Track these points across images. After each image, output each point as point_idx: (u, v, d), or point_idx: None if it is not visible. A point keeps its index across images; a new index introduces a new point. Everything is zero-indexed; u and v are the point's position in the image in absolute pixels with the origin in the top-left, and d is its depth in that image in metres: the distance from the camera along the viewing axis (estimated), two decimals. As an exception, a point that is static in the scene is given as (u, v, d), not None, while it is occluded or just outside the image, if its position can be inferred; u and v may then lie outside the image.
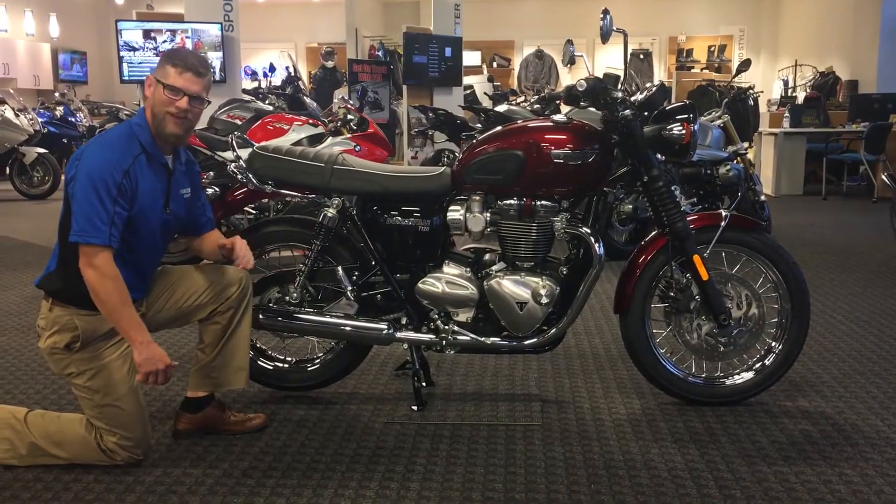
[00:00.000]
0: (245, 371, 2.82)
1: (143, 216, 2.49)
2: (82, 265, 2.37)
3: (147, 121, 2.52)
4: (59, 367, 2.53)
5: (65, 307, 2.47)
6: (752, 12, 17.03)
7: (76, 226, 2.35)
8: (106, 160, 2.39)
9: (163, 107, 2.48)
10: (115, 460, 2.55)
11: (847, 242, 6.63)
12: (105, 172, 2.37)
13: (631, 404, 3.08)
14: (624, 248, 5.75)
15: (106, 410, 2.50)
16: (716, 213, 3.01)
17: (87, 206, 2.34)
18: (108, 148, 2.43)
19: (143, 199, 2.48)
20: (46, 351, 2.52)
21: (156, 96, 2.49)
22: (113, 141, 2.46)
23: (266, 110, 6.56)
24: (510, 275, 2.94)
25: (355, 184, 2.96)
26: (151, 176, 2.51)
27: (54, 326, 2.48)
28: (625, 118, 2.86)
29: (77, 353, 2.48)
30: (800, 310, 2.98)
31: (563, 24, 17.17)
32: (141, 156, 2.48)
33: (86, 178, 2.36)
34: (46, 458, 2.55)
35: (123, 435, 2.53)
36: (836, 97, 12.19)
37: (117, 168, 2.39)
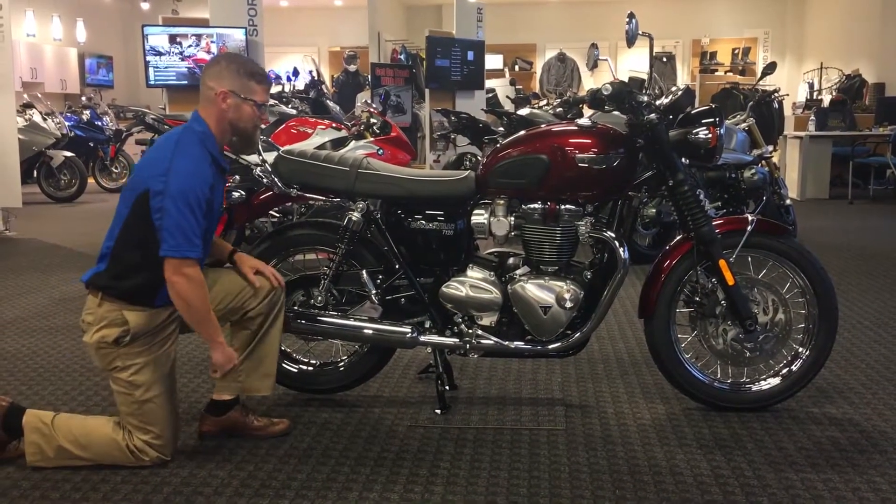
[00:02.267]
0: (272, 378, 2.84)
1: (209, 228, 2.58)
2: (171, 275, 2.43)
3: (210, 129, 2.56)
4: (105, 362, 2.56)
5: (115, 302, 2.51)
6: (776, 14, 16.89)
7: (171, 241, 2.40)
8: (196, 176, 2.45)
9: (251, 122, 2.60)
10: (143, 461, 2.57)
11: (874, 247, 6.55)
12: (196, 189, 2.43)
13: (655, 409, 3.07)
14: (647, 251, 5.72)
15: (145, 407, 2.54)
16: (742, 217, 2.99)
17: (182, 221, 2.40)
18: (195, 163, 2.47)
19: (213, 208, 2.57)
20: (94, 345, 2.54)
21: (242, 112, 2.57)
22: (196, 155, 2.49)
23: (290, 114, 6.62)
24: (534, 279, 2.93)
25: (380, 187, 2.98)
26: (219, 183, 2.60)
27: (103, 321, 2.51)
28: (650, 122, 2.85)
29: (125, 347, 2.51)
30: (827, 315, 2.95)
31: (585, 27, 17.13)
32: (213, 165, 2.54)
33: (179, 194, 2.41)
34: (73, 460, 2.58)
35: (156, 433, 2.56)
36: (863, 100, 12.07)
37: (205, 184, 2.47)
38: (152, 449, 2.57)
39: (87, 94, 12.93)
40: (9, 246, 7.04)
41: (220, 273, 2.77)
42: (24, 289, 5.25)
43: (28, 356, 3.78)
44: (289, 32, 16.70)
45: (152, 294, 2.52)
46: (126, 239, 2.51)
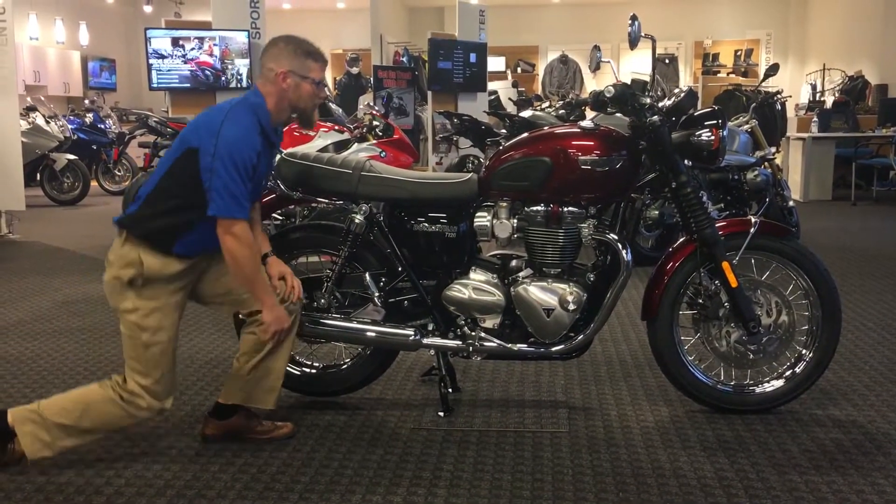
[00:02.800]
0: (276, 393, 2.83)
1: (253, 188, 2.64)
2: (222, 234, 2.53)
3: (266, 104, 2.64)
4: (116, 301, 2.61)
5: (136, 244, 2.57)
6: (779, 16, 16.88)
7: (220, 202, 2.50)
8: (244, 142, 2.54)
9: (310, 100, 2.70)
10: (138, 411, 2.58)
11: (877, 248, 6.55)
12: (244, 154, 2.52)
13: (659, 412, 3.06)
14: (650, 253, 5.71)
15: (149, 351, 2.58)
16: (745, 219, 2.98)
17: (230, 184, 2.49)
18: (244, 129, 2.56)
19: (258, 176, 2.66)
20: (109, 283, 2.61)
21: (302, 91, 2.66)
22: (246, 123, 2.58)
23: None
24: (537, 281, 2.93)
25: (382, 190, 2.98)
26: (265, 156, 2.68)
27: (121, 261, 2.58)
28: (653, 124, 2.85)
29: (137, 289, 2.57)
30: (831, 317, 2.94)
31: (587, 29, 17.14)
32: (263, 136, 2.62)
33: (228, 157, 2.50)
34: (73, 437, 2.58)
35: (155, 378, 2.59)
36: (866, 101, 12.05)
37: (252, 150, 2.55)
38: (147, 395, 2.58)
39: (89, 97, 12.97)
40: (12, 249, 7.05)
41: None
42: (27, 292, 5.25)
43: (31, 359, 3.79)
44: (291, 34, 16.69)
45: (171, 240, 2.58)
46: (163, 187, 2.60)
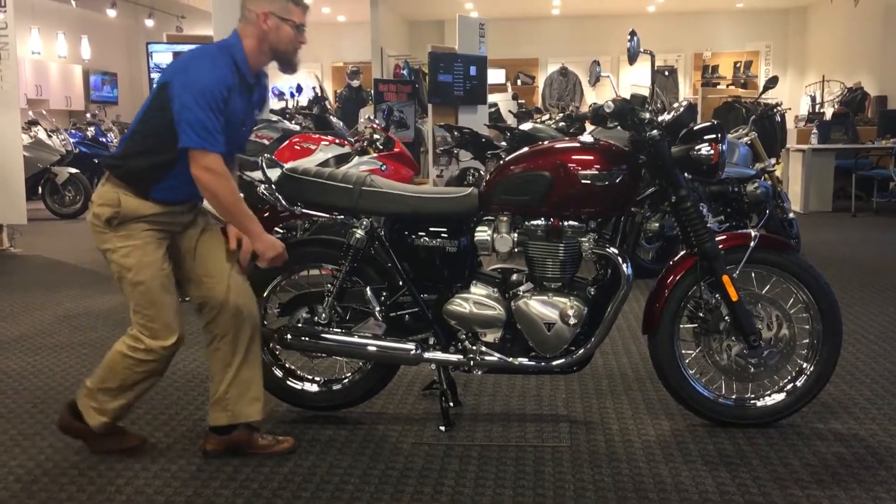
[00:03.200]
0: (260, 402, 2.83)
1: (229, 131, 2.64)
2: (196, 170, 2.54)
3: (243, 46, 2.66)
4: (98, 241, 2.69)
5: (116, 185, 2.63)
6: (778, 28, 16.97)
7: (192, 134, 2.50)
8: (212, 73, 2.56)
9: (291, 44, 2.70)
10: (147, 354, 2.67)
11: (878, 260, 6.55)
12: (213, 86, 2.53)
13: (660, 426, 3.06)
14: (651, 265, 5.71)
15: (137, 289, 2.66)
16: (745, 232, 2.99)
17: (203, 116, 2.50)
18: (213, 62, 2.60)
19: (232, 115, 2.64)
20: (90, 222, 2.70)
21: (281, 34, 2.67)
22: (216, 58, 2.61)
23: (293, 130, 6.63)
24: (538, 295, 2.94)
25: (383, 205, 2.99)
26: (239, 96, 2.67)
27: (101, 199, 2.65)
28: (652, 139, 2.87)
29: (114, 228, 2.64)
30: (831, 330, 2.95)
31: (587, 41, 17.22)
32: (236, 75, 2.64)
33: (197, 91, 2.52)
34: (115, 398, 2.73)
35: (150, 316, 2.66)
36: (865, 113, 12.09)
37: (221, 83, 2.56)
38: (146, 335, 2.67)
39: (91, 111, 13.01)
40: (13, 263, 7.06)
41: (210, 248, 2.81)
42: (29, 306, 5.26)
43: (33, 374, 3.79)
44: (292, 48, 16.77)
45: (148, 185, 2.63)
46: (141, 127, 2.66)
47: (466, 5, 15.92)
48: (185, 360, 3.91)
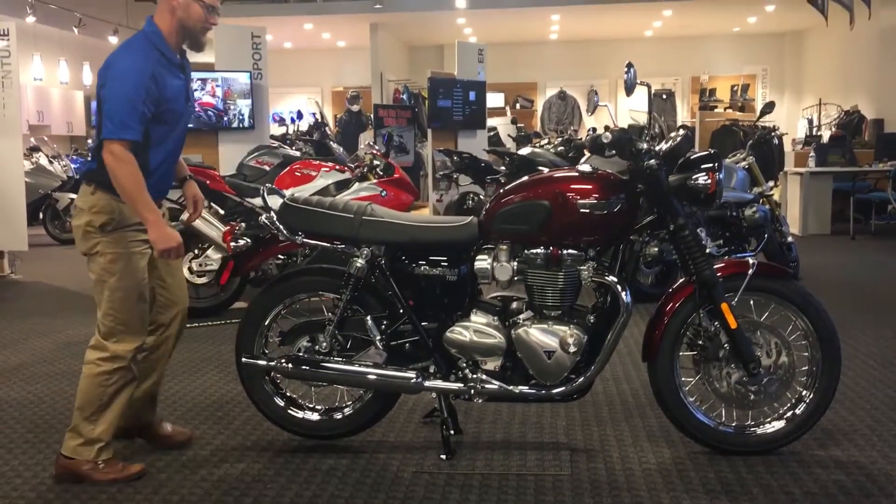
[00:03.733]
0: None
1: (174, 111, 2.84)
2: (104, 154, 2.69)
3: (159, 29, 2.82)
4: (87, 245, 2.81)
5: (107, 194, 2.78)
6: (774, 51, 17.09)
7: (109, 125, 2.67)
8: (133, 62, 2.72)
9: (199, 22, 2.84)
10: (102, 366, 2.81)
11: (877, 284, 6.56)
12: (133, 75, 2.69)
13: (661, 453, 3.06)
14: (650, 290, 5.73)
15: (116, 294, 2.81)
16: (743, 260, 3.01)
17: (119, 107, 2.67)
18: (134, 53, 2.76)
19: (170, 96, 2.80)
20: (81, 228, 2.81)
21: (190, 12, 2.82)
22: (137, 48, 2.78)
23: (294, 156, 6.66)
24: (538, 323, 2.95)
25: (384, 234, 3.01)
26: (171, 76, 2.83)
27: (94, 207, 2.79)
28: (650, 168, 2.89)
29: (107, 234, 2.79)
30: (830, 358, 2.96)
31: (585, 65, 17.35)
32: (161, 59, 2.79)
33: (118, 83, 2.69)
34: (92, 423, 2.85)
35: (119, 318, 2.81)
36: (862, 135, 12.15)
37: (145, 73, 2.71)
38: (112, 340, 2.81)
39: (92, 137, 13.07)
40: (14, 289, 7.07)
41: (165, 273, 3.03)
42: (30, 333, 5.27)
43: (33, 403, 3.79)
44: (293, 73, 16.91)
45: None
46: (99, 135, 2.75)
47: (465, 31, 16.05)
48: (185, 385, 3.92)
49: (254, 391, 3.18)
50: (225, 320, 5.43)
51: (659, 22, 15.47)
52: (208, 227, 5.37)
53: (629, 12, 14.31)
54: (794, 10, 13.06)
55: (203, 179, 5.90)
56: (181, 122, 2.93)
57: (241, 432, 3.34)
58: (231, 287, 5.53)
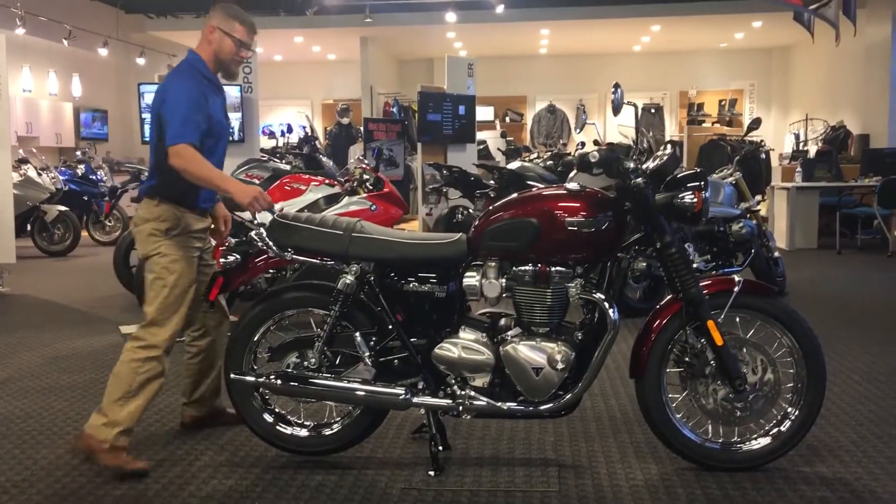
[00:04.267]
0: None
1: (219, 128, 3.25)
2: (171, 159, 3.02)
3: (201, 56, 3.23)
4: (150, 248, 3.16)
5: (170, 205, 3.17)
6: (762, 66, 17.26)
7: (171, 133, 3.03)
8: (184, 83, 3.13)
9: (230, 55, 3.23)
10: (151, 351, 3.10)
11: (863, 299, 6.62)
12: (185, 91, 3.09)
13: (648, 469, 3.08)
14: (638, 305, 5.76)
15: (172, 291, 3.14)
16: (729, 278, 3.04)
17: (178, 118, 3.04)
18: (183, 76, 3.18)
19: (216, 114, 3.21)
20: (145, 232, 3.17)
21: (223, 45, 3.21)
22: (186, 73, 3.20)
23: (284, 170, 6.68)
24: (526, 340, 2.97)
25: (373, 251, 3.03)
26: (214, 96, 3.24)
27: (160, 217, 3.16)
28: (637, 186, 2.92)
29: (171, 238, 3.15)
30: (815, 375, 2.99)
31: (574, 79, 17.46)
32: (204, 81, 3.19)
33: (175, 99, 3.07)
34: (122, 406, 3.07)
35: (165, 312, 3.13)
36: (848, 151, 12.26)
37: (194, 88, 3.12)
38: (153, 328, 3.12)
39: (81, 148, 13.04)
40: (2, 302, 7.03)
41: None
42: (17, 347, 5.24)
43: (21, 418, 3.77)
44: (283, 86, 16.96)
45: (194, 197, 3.22)
46: (158, 156, 3.14)
47: (455, 44, 16.14)
48: (170, 401, 3.92)
49: (243, 407, 3.19)
50: (214, 334, 5.42)
51: (647, 37, 15.60)
52: (197, 240, 5.37)
53: (618, 27, 14.44)
54: (781, 27, 13.20)
55: (192, 193, 5.93)
56: (224, 137, 3.33)
57: (229, 448, 3.34)
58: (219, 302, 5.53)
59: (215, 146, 3.25)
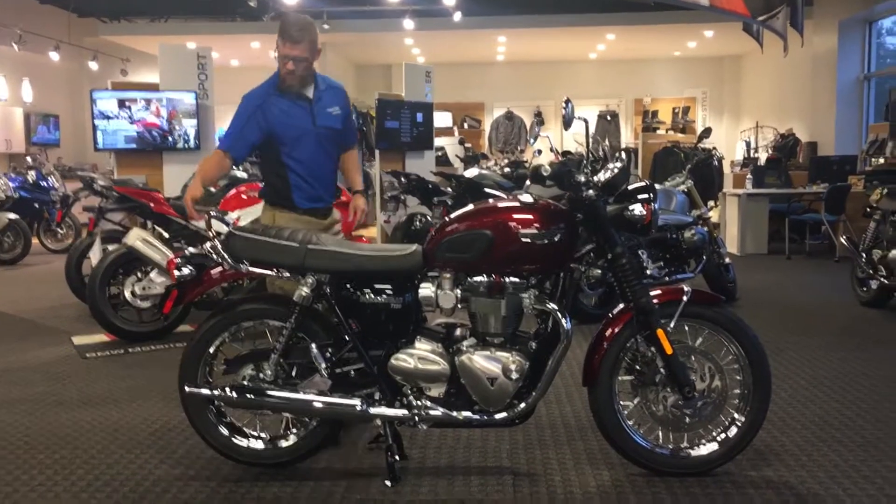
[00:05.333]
0: None
1: (292, 132, 3.56)
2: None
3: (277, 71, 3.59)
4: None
5: (270, 208, 3.67)
6: (714, 75, 17.60)
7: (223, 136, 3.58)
8: (249, 97, 3.59)
9: (281, 68, 3.55)
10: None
11: (811, 304, 6.79)
12: (244, 105, 3.57)
13: (601, 476, 3.14)
14: (593, 311, 5.85)
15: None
16: (678, 288, 3.11)
17: (231, 125, 3.56)
18: (256, 89, 3.61)
19: (283, 121, 3.54)
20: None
21: (279, 61, 3.54)
22: (260, 87, 3.62)
23: (241, 178, 6.65)
24: (481, 350, 3.01)
25: (329, 263, 3.04)
26: (288, 106, 3.56)
27: (261, 218, 3.69)
28: (589, 199, 2.98)
29: None
30: (761, 382, 3.08)
31: (531, 86, 17.62)
32: (273, 95, 3.57)
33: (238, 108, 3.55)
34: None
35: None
36: (797, 158, 12.56)
37: (252, 103, 3.55)
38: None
39: (32, 154, 12.78)
40: (-51, 313, 6.87)
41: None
42: (-35, 359, 5.13)
43: (-31, 433, 3.71)
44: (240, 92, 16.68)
45: (287, 196, 3.60)
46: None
47: (413, 51, 16.17)
48: (127, 414, 3.88)
49: (197, 420, 3.17)
50: (169, 344, 5.37)
51: (603, 45, 15.81)
52: (152, 250, 5.32)
53: (573, 35, 14.61)
54: (732, 36, 13.48)
55: (146, 202, 5.87)
56: (304, 141, 3.57)
57: (184, 461, 3.32)
58: (174, 314, 5.50)
59: (290, 151, 3.57)
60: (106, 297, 5.45)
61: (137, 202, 5.88)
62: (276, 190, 3.64)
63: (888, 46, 12.81)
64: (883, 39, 12.70)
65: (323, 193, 3.69)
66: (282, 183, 3.61)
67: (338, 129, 3.69)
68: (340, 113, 3.71)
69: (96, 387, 4.46)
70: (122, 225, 6.77)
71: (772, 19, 8.57)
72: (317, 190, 3.65)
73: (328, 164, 3.71)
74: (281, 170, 3.59)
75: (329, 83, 3.73)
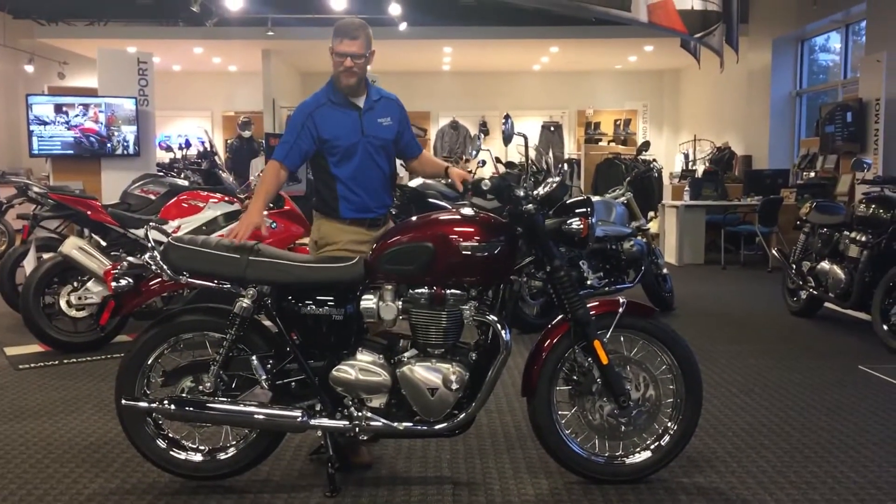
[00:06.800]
0: None
1: (343, 143, 3.48)
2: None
3: (332, 80, 3.52)
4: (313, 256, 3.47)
5: (318, 217, 3.61)
6: (654, 88, 17.99)
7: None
8: (300, 108, 3.53)
9: (336, 68, 3.45)
10: None
11: (744, 313, 7.00)
12: (295, 116, 3.52)
13: (539, 484, 3.20)
14: (535, 321, 5.93)
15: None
16: (614, 299, 3.19)
17: (285, 134, 3.53)
18: (308, 99, 3.56)
19: (332, 131, 3.47)
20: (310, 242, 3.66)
21: (334, 61, 3.44)
22: (312, 97, 3.56)
23: (181, 186, 6.56)
24: (421, 361, 3.04)
25: (271, 274, 3.04)
26: (338, 115, 3.49)
27: (312, 229, 3.65)
28: (528, 212, 3.05)
29: (320, 248, 3.53)
30: (692, 391, 3.17)
31: (476, 96, 17.75)
32: (325, 105, 3.50)
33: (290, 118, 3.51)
34: None
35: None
36: (733, 171, 12.92)
37: (302, 113, 3.49)
38: None
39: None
40: None
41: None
42: None
43: None
44: (182, 96, 16.57)
45: (333, 206, 3.52)
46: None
47: (359, 59, 16.12)
48: (61, 427, 3.80)
49: (134, 433, 3.13)
50: (105, 355, 5.28)
51: (546, 57, 16.03)
52: (89, 259, 5.23)
53: (518, 47, 14.78)
54: (671, 51, 13.78)
55: (83, 209, 5.75)
56: (352, 150, 3.48)
57: (120, 475, 3.28)
58: (111, 325, 5.40)
59: (347, 162, 3.48)
60: (40, 307, 5.32)
61: (74, 210, 5.75)
62: (323, 199, 3.56)
63: (820, 62, 13.27)
64: (816, 56, 13.15)
65: (371, 204, 3.53)
66: (329, 192, 3.52)
67: (389, 139, 3.58)
68: (392, 124, 3.59)
69: (30, 399, 4.35)
70: (58, 233, 6.63)
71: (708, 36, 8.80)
72: (364, 200, 3.50)
73: (377, 175, 3.56)
74: (329, 179, 3.51)
75: (382, 94, 3.66)
